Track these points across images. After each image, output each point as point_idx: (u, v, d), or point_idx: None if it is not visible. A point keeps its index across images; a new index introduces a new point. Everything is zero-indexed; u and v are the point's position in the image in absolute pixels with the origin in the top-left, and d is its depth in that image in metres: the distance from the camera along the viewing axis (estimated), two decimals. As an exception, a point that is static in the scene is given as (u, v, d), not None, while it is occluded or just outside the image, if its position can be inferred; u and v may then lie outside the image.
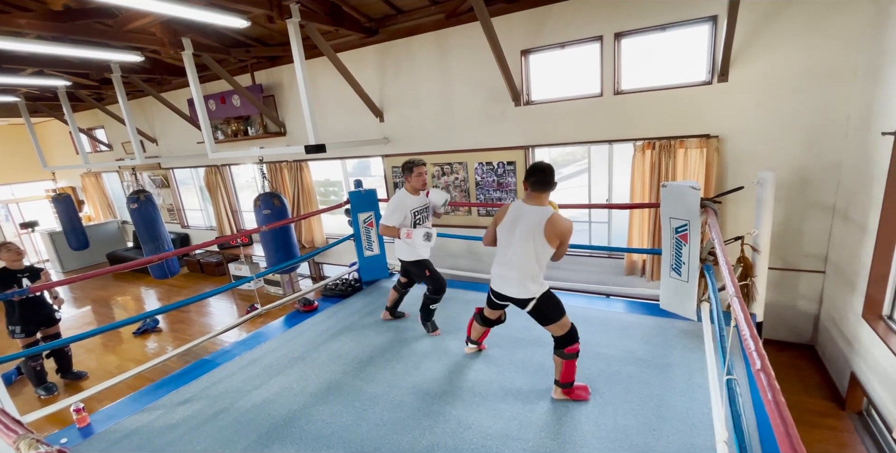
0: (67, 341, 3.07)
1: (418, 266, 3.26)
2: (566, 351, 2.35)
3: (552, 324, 2.38)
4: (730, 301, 1.60)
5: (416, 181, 3.12)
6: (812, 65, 3.40)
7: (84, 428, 2.54)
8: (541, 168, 2.28)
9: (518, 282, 2.34)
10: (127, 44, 4.36)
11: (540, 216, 2.24)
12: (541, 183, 2.27)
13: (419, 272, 3.26)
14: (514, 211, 2.34)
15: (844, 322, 3.31)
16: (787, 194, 3.69)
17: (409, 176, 3.12)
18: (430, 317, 3.38)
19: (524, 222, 2.28)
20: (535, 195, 2.30)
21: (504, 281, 2.40)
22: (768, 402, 0.99)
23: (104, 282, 8.17)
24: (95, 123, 9.15)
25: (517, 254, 2.31)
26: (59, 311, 4.27)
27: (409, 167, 3.12)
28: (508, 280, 2.37)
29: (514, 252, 2.32)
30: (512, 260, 2.34)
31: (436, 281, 3.21)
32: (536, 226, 2.23)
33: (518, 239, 2.29)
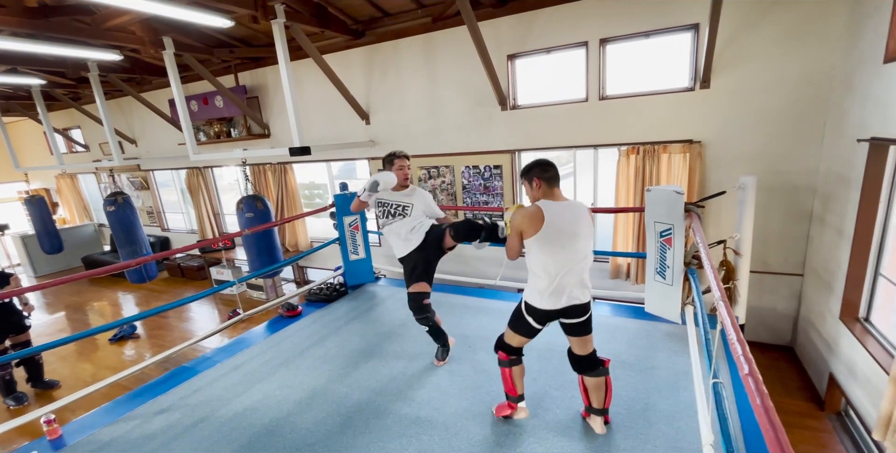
0: (38, 349, 2.94)
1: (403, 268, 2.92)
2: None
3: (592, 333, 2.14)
4: (715, 304, 1.61)
5: (397, 175, 2.79)
6: (790, 72, 3.49)
7: (55, 440, 2.44)
8: (550, 162, 2.07)
9: (589, 285, 2.08)
10: (105, 42, 4.24)
11: (581, 209, 2.04)
12: (558, 176, 2.05)
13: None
14: (557, 212, 1.96)
15: (822, 324, 3.39)
16: (768, 199, 3.77)
17: (390, 168, 2.82)
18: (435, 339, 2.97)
19: (576, 220, 1.99)
20: (558, 189, 2.05)
21: (580, 290, 2.03)
22: (757, 407, 0.99)
23: (79, 287, 7.91)
24: (71, 123, 8.89)
25: (583, 255, 2.02)
26: (29, 318, 4.11)
27: (389, 159, 2.82)
28: (583, 288, 2.04)
29: (578, 254, 2.00)
30: (582, 264, 2.02)
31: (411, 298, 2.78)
32: (587, 220, 2.03)
33: (581, 239, 2.00)
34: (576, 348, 2.17)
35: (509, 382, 2.23)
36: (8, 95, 7.11)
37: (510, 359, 2.21)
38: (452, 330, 3.40)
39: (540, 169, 2.04)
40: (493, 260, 5.10)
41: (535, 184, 2.04)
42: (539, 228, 1.94)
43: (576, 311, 2.05)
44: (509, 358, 2.21)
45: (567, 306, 2.03)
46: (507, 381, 2.24)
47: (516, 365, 2.22)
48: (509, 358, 2.21)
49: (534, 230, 1.95)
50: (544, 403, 2.44)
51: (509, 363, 2.21)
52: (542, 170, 2.03)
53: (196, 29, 4.70)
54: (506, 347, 2.22)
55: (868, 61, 2.83)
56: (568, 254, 1.98)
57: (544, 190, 2.04)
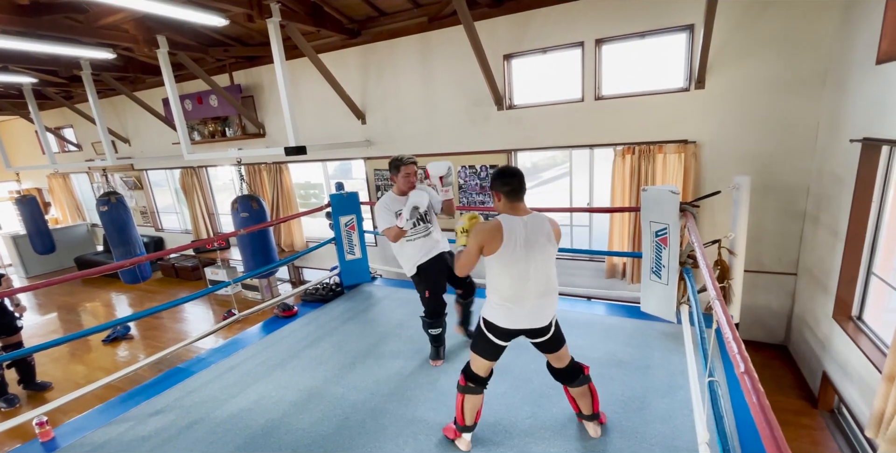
0: (30, 350, 2.91)
1: (418, 281, 2.80)
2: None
3: (565, 346, 2.07)
4: (711, 304, 1.62)
5: (403, 183, 2.69)
6: (783, 73, 3.52)
7: (47, 442, 2.41)
8: (516, 172, 1.92)
9: (555, 303, 1.99)
10: (98, 40, 4.20)
11: (544, 223, 1.93)
12: (523, 189, 1.92)
13: (419, 288, 2.80)
14: (518, 229, 1.85)
15: (816, 323, 3.42)
16: (762, 198, 3.80)
17: (396, 175, 2.70)
18: (434, 344, 2.90)
19: (538, 236, 1.88)
20: (521, 202, 1.93)
21: (540, 311, 1.94)
22: (753, 405, 0.99)
23: (71, 288, 7.84)
24: (64, 122, 8.81)
25: (545, 274, 1.92)
26: (20, 319, 4.06)
27: (396, 166, 2.69)
28: (545, 308, 1.94)
29: (539, 273, 1.90)
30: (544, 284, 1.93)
31: (429, 303, 2.75)
32: (551, 235, 1.92)
33: (543, 257, 1.90)
34: (553, 362, 2.12)
35: (458, 409, 2.08)
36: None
37: (466, 386, 2.06)
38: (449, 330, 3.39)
39: (500, 181, 1.90)
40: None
41: (496, 197, 1.94)
42: (498, 247, 1.83)
43: (536, 331, 1.98)
44: (466, 384, 2.06)
45: (526, 328, 1.95)
46: (458, 407, 2.08)
47: (472, 393, 2.06)
48: (466, 384, 2.06)
49: (493, 248, 1.85)
50: (541, 402, 2.44)
51: (465, 389, 2.06)
52: (502, 182, 1.89)
53: (191, 27, 4.66)
54: (468, 373, 2.08)
55: (861, 62, 2.86)
56: (528, 273, 1.88)
57: (504, 203, 1.91)
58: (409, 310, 3.77)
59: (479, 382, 2.07)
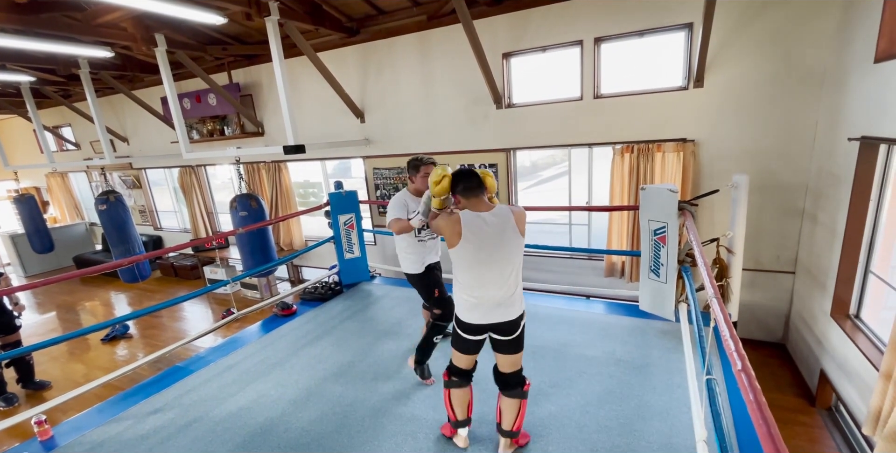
0: (29, 349, 2.91)
1: (424, 281, 2.72)
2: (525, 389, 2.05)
3: (521, 352, 2.04)
4: (709, 302, 1.62)
5: (422, 182, 2.63)
6: (782, 71, 3.52)
7: (46, 441, 2.41)
8: (470, 171, 1.95)
9: (519, 299, 1.98)
10: (96, 38, 4.19)
11: (507, 217, 1.89)
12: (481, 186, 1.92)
13: (428, 288, 2.71)
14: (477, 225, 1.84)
15: (814, 321, 3.42)
16: (760, 197, 3.80)
17: (415, 175, 2.65)
18: (427, 356, 2.72)
19: (500, 230, 1.86)
20: (479, 198, 1.92)
21: (504, 308, 1.92)
22: (750, 403, 0.99)
23: (70, 287, 7.83)
24: (62, 121, 8.78)
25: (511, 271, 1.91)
26: (19, 318, 4.06)
27: (415, 165, 2.64)
28: (509, 305, 1.93)
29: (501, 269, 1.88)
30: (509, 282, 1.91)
31: (446, 303, 2.65)
32: (514, 228, 1.89)
33: (505, 252, 1.87)
34: (501, 365, 2.04)
35: (447, 405, 2.11)
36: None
37: (450, 380, 2.08)
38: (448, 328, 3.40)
39: (455, 180, 1.95)
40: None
41: (456, 201, 1.99)
42: (457, 241, 1.83)
43: (503, 328, 1.94)
44: (450, 379, 2.08)
45: (491, 323, 1.93)
46: (446, 404, 2.11)
47: (457, 387, 2.08)
48: (450, 379, 2.08)
49: (452, 242, 1.84)
50: (539, 400, 2.44)
51: (449, 383, 2.08)
52: (456, 183, 1.94)
53: (189, 26, 4.65)
54: (451, 367, 2.10)
55: (859, 61, 2.86)
56: (488, 269, 1.86)
57: (464, 202, 1.93)
58: (408, 309, 3.78)
59: (461, 375, 2.08)
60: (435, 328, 2.67)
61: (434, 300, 2.71)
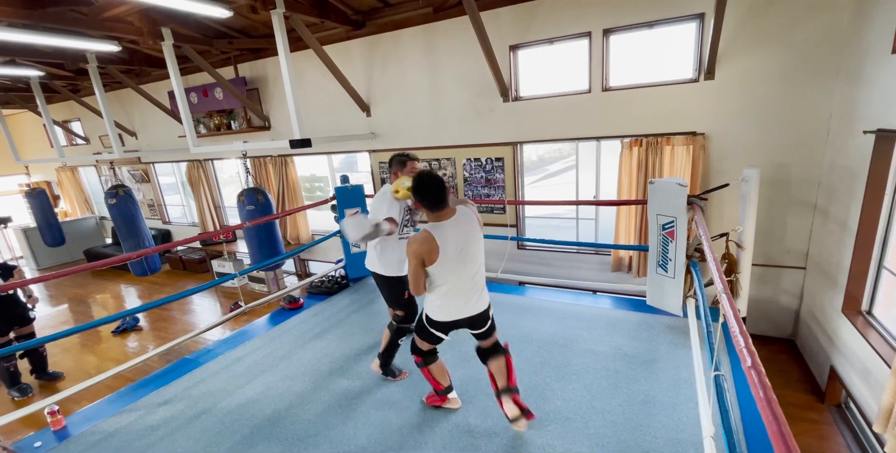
0: (42, 341, 2.96)
1: (400, 282, 2.61)
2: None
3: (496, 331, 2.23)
4: (718, 297, 1.60)
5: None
6: (796, 63, 3.44)
7: (59, 430, 2.46)
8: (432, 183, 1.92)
9: (486, 291, 2.15)
10: (103, 33, 4.20)
11: (470, 218, 2.02)
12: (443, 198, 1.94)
13: (398, 290, 2.63)
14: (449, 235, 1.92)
15: (824, 317, 3.38)
16: (771, 191, 3.74)
17: (400, 170, 2.57)
18: (392, 358, 2.72)
19: (467, 234, 1.98)
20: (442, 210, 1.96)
21: (475, 301, 2.08)
22: (760, 400, 0.98)
23: (81, 280, 7.95)
24: (71, 116, 8.85)
25: (478, 266, 2.06)
26: (33, 310, 4.13)
27: (401, 161, 2.57)
28: (480, 297, 2.10)
29: (473, 267, 2.03)
30: (476, 279, 2.05)
31: (411, 305, 2.64)
32: (477, 228, 2.04)
33: (474, 251, 2.02)
34: (483, 345, 2.25)
35: (431, 380, 2.33)
36: (7, 87, 7.07)
37: (424, 360, 2.28)
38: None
39: (419, 197, 1.95)
40: (495, 253, 5.09)
41: (415, 205, 2.05)
42: (436, 257, 1.91)
43: (476, 320, 2.12)
44: (424, 359, 2.28)
45: (464, 317, 2.08)
46: (430, 379, 2.33)
47: (432, 363, 2.29)
48: (424, 359, 2.28)
49: (432, 259, 1.92)
50: (545, 394, 2.45)
51: (424, 363, 2.29)
52: (421, 198, 1.94)
53: (195, 19, 4.64)
54: (418, 351, 2.28)
55: (875, 52, 2.79)
56: (464, 270, 2.00)
57: (429, 214, 1.98)
58: (414, 303, 3.79)
59: (432, 353, 2.30)
60: (399, 331, 2.64)
61: (402, 303, 2.64)
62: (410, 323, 2.61)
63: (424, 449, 2.11)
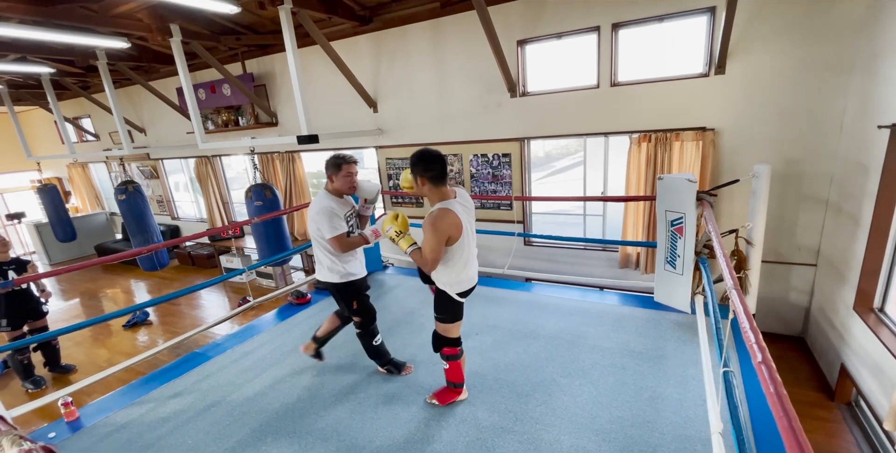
0: (55, 334, 3.01)
1: (348, 291, 2.56)
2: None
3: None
4: (728, 293, 1.59)
5: (344, 183, 2.43)
6: (809, 57, 3.39)
7: (72, 422, 2.50)
8: (438, 155, 1.98)
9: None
10: (113, 29, 4.23)
11: (466, 195, 2.18)
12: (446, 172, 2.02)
13: (346, 299, 2.58)
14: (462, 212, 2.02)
15: (835, 314, 3.34)
16: (782, 187, 3.70)
17: (336, 174, 2.42)
18: (386, 356, 2.72)
19: (470, 209, 2.13)
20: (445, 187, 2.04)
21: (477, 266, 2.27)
22: (770, 395, 0.97)
23: (93, 275, 8.06)
24: (81, 112, 8.94)
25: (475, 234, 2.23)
26: (46, 304, 4.19)
27: (336, 163, 2.41)
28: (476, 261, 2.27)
29: (475, 241, 2.19)
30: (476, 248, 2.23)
31: (362, 311, 2.59)
32: (472, 205, 2.18)
33: (473, 228, 2.16)
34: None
35: (458, 373, 2.32)
36: (18, 84, 7.15)
37: (461, 350, 2.29)
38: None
39: (423, 166, 1.97)
40: (501, 249, 5.09)
41: (420, 182, 2.02)
42: (459, 235, 2.00)
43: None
44: (459, 350, 2.29)
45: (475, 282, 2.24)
46: (458, 372, 2.32)
47: (461, 354, 2.30)
48: (459, 350, 2.29)
49: (455, 238, 2.00)
50: (552, 391, 2.45)
51: (460, 354, 2.30)
52: (424, 167, 1.97)
53: (203, 16, 4.66)
54: (451, 341, 2.26)
55: (891, 45, 2.73)
56: (473, 241, 2.16)
57: (430, 187, 2.01)
58: (421, 299, 3.80)
59: (460, 342, 2.31)
60: (367, 336, 2.64)
61: (355, 311, 2.59)
62: (370, 324, 2.62)
63: (432, 443, 2.12)
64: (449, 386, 2.39)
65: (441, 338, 2.27)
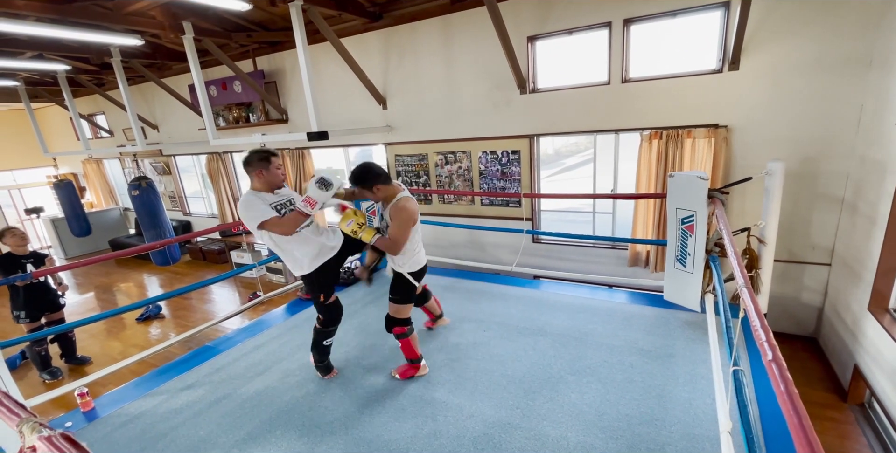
0: (71, 326, 3.08)
1: (313, 282, 2.51)
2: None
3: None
4: (739, 292, 1.57)
5: (274, 176, 2.38)
6: (826, 53, 3.32)
7: (88, 412, 2.56)
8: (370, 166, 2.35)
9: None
10: (126, 27, 4.29)
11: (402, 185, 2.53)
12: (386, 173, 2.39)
13: (312, 292, 2.55)
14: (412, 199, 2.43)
15: (849, 314, 3.29)
16: (796, 185, 3.64)
17: (264, 169, 2.34)
18: (325, 357, 2.72)
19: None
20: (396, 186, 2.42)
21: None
22: (781, 394, 0.97)
23: (107, 269, 8.20)
24: (96, 109, 9.08)
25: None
26: (63, 297, 4.28)
27: (264, 158, 2.34)
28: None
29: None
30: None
31: (330, 310, 2.56)
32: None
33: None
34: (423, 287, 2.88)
35: (412, 349, 2.59)
36: (35, 81, 7.28)
37: (407, 330, 2.57)
38: (467, 314, 3.43)
39: (371, 176, 2.30)
40: (509, 247, 5.08)
41: (375, 189, 2.31)
42: (418, 218, 2.40)
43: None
44: (408, 329, 2.57)
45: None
46: (411, 348, 2.59)
47: (411, 332, 2.59)
48: (408, 329, 2.57)
49: (416, 220, 2.38)
50: (559, 387, 2.45)
51: (409, 332, 2.58)
52: (374, 176, 2.30)
53: (214, 13, 4.70)
54: (401, 321, 2.56)
55: (912, 39, 2.67)
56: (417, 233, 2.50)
57: (384, 189, 2.34)
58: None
59: (410, 322, 2.60)
60: (322, 334, 2.63)
61: (320, 306, 2.57)
62: (330, 326, 2.62)
63: (439, 438, 2.13)
64: (408, 363, 2.64)
65: (393, 319, 2.57)
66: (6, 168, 10.09)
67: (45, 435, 0.94)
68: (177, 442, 2.25)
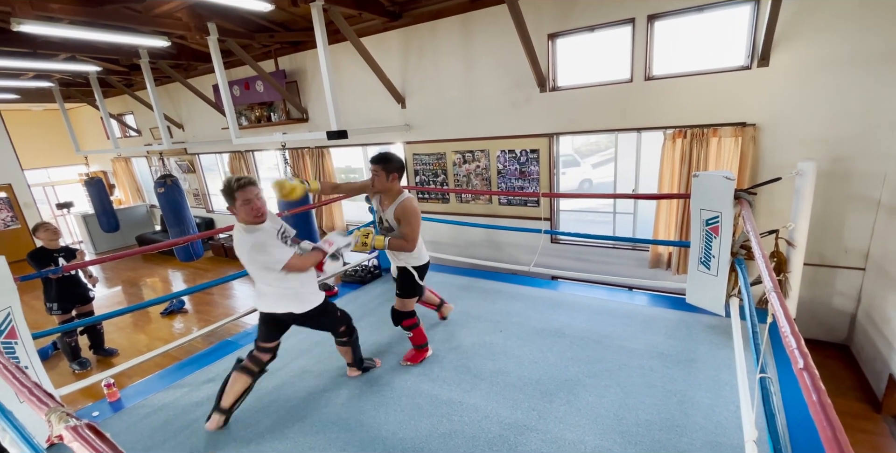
0: (100, 318, 3.19)
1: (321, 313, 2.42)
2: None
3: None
4: (767, 296, 1.51)
5: (244, 212, 2.08)
6: (862, 48, 3.18)
7: (114, 402, 2.64)
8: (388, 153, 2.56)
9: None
10: (154, 29, 4.40)
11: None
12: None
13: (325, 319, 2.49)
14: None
15: (884, 321, 3.15)
16: (828, 186, 3.50)
17: (232, 205, 2.09)
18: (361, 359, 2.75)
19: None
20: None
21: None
22: (812, 404, 0.92)
23: (134, 264, 8.46)
24: (125, 109, 9.37)
25: None
26: (93, 290, 4.43)
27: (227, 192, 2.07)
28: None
29: None
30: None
31: (345, 317, 2.59)
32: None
33: None
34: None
35: (421, 336, 2.80)
36: (68, 82, 7.55)
37: (417, 321, 2.77)
38: (484, 315, 3.41)
39: (398, 165, 2.53)
40: (527, 247, 5.04)
41: (392, 177, 2.51)
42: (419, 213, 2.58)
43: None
44: (417, 319, 2.78)
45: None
46: (419, 336, 2.79)
47: (419, 322, 2.79)
48: (417, 319, 2.78)
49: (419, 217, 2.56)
50: (576, 390, 2.41)
51: (418, 322, 2.78)
52: (399, 167, 2.55)
53: (238, 14, 4.78)
54: (408, 314, 2.75)
55: (958, 32, 2.53)
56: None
57: (396, 183, 2.56)
58: (445, 295, 3.80)
59: (415, 314, 2.78)
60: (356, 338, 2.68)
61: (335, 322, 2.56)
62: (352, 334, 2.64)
63: (454, 438, 2.12)
64: (416, 349, 2.82)
65: (400, 313, 2.75)
66: (41, 166, 10.51)
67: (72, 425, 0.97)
68: (197, 434, 2.30)
